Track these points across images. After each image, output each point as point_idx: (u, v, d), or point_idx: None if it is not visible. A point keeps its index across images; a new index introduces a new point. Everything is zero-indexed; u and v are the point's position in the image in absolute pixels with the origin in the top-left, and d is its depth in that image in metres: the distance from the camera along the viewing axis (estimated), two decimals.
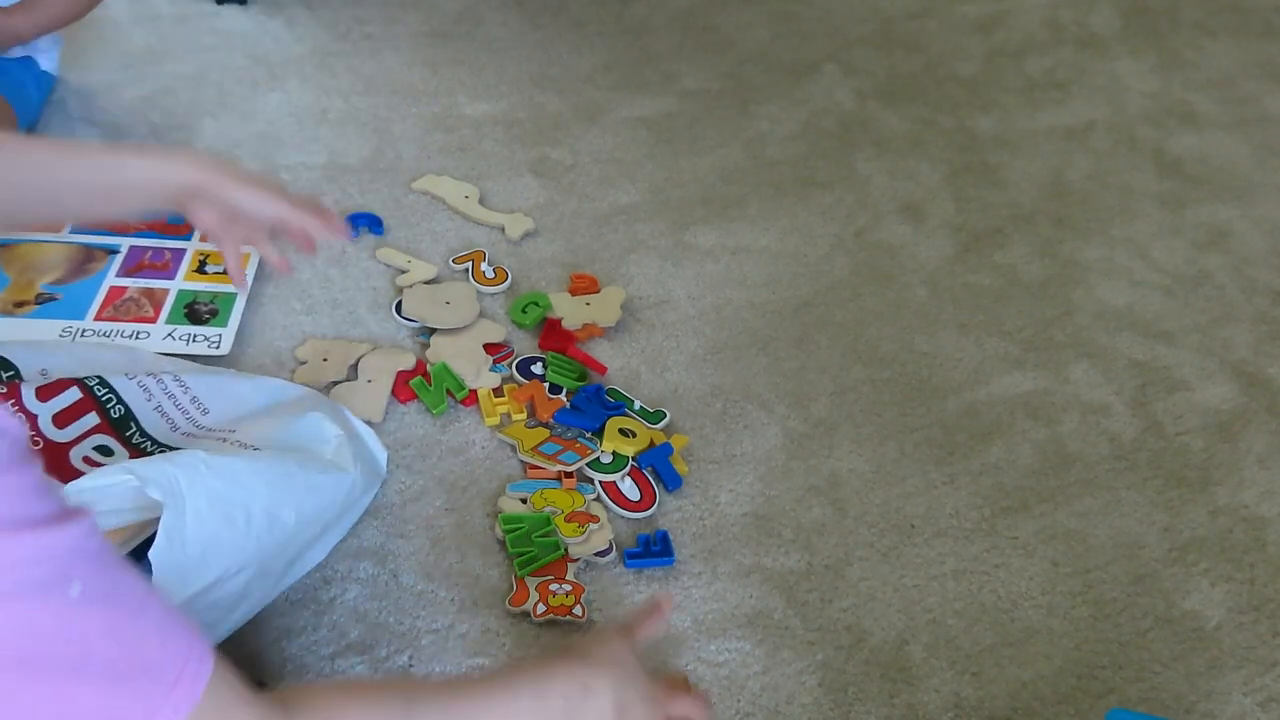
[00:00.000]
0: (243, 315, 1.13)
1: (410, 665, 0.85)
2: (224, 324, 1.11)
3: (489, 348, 1.13)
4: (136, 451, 0.88)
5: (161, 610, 0.43)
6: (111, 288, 1.14)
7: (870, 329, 1.23)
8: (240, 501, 0.78)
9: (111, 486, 0.73)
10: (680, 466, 1.02)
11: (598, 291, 1.22)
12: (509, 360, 1.12)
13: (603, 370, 1.13)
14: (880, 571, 0.97)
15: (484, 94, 1.57)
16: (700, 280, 1.27)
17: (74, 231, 1.20)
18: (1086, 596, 0.96)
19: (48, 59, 1.38)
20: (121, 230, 1.21)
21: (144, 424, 0.90)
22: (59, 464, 0.86)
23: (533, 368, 1.11)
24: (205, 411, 0.93)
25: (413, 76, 1.59)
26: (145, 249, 1.20)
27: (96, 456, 0.87)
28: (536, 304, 1.18)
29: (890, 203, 1.44)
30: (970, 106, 1.68)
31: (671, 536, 0.97)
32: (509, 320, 1.17)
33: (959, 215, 1.44)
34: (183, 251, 1.20)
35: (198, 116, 1.45)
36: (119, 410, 0.90)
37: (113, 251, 1.18)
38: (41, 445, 0.86)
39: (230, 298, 1.14)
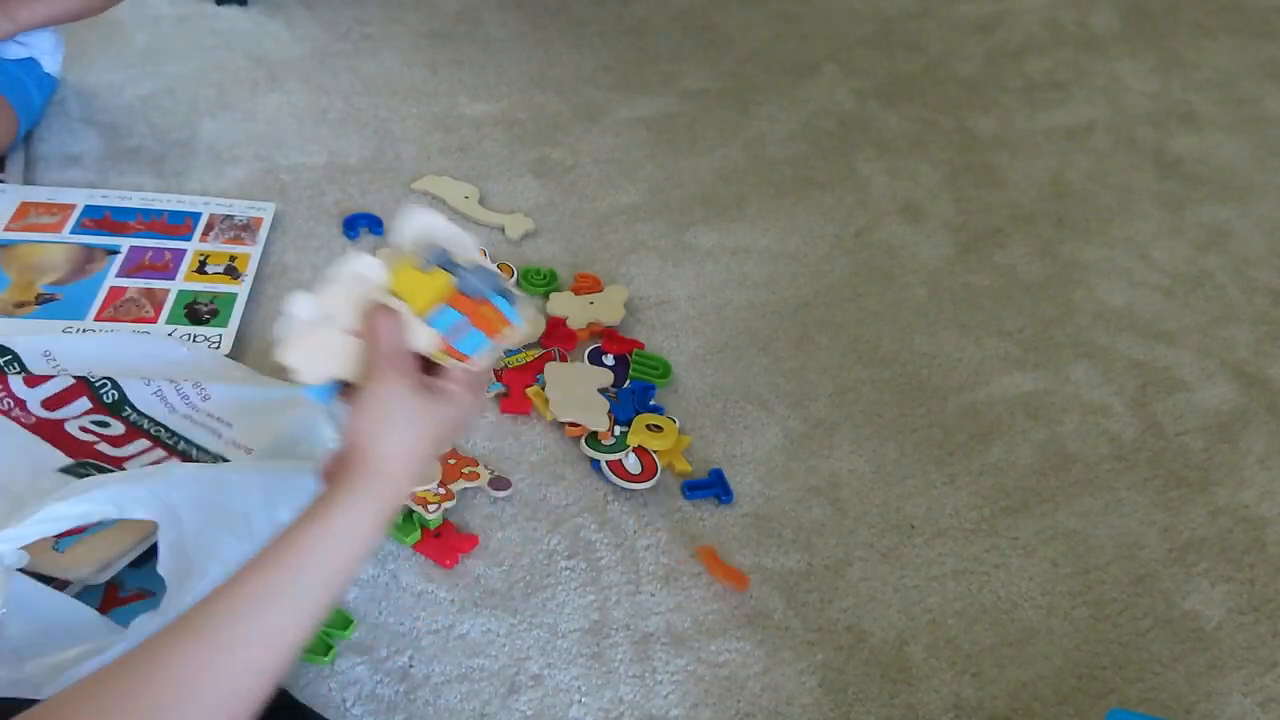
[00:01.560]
0: (243, 315, 1.13)
1: (410, 665, 0.85)
2: (224, 324, 1.11)
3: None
4: (131, 427, 0.89)
5: None
6: (112, 288, 1.14)
7: (870, 329, 1.23)
8: (238, 510, 0.78)
9: (92, 515, 0.72)
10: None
11: (601, 291, 1.22)
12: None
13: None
14: (880, 571, 0.97)
15: (484, 94, 1.57)
16: (700, 280, 1.27)
17: (74, 232, 1.20)
18: (1086, 597, 0.97)
19: (50, 60, 1.38)
20: (122, 231, 1.22)
21: (138, 405, 0.91)
22: (56, 436, 0.86)
23: (604, 359, 1.14)
24: (206, 397, 0.93)
25: (413, 76, 1.59)
26: (145, 249, 1.19)
27: (94, 428, 0.88)
28: (539, 273, 1.23)
29: (890, 203, 1.44)
30: (970, 106, 1.68)
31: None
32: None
33: (959, 215, 1.44)
34: (183, 252, 1.20)
35: (198, 116, 1.45)
36: (112, 395, 0.91)
37: (113, 252, 1.18)
38: (34, 422, 0.87)
39: (230, 298, 1.14)
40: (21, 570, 0.72)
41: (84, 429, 0.88)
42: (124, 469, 0.86)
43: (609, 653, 0.87)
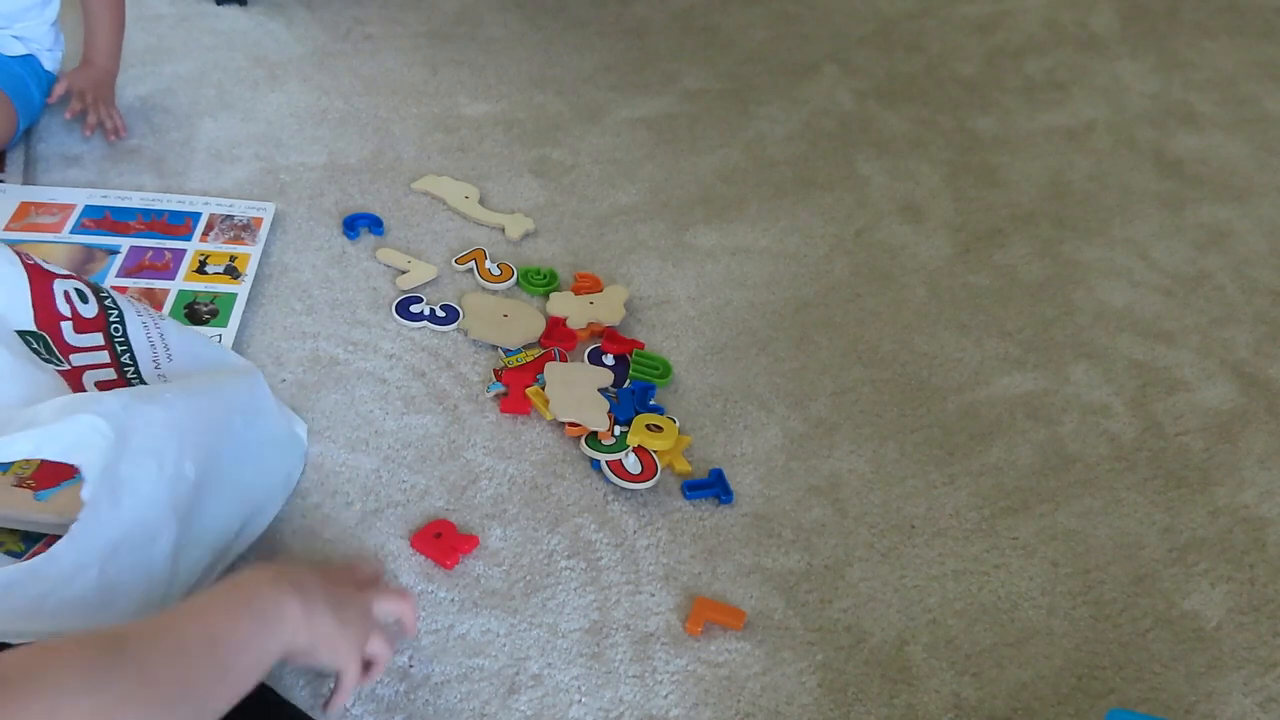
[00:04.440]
0: (243, 315, 1.13)
1: (410, 666, 0.85)
2: (224, 324, 1.11)
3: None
4: (103, 310, 0.89)
5: None
6: (112, 288, 1.14)
7: (870, 329, 1.23)
8: (154, 448, 0.76)
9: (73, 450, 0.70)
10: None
11: (601, 291, 1.22)
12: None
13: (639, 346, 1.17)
14: (880, 571, 0.97)
15: (484, 94, 1.57)
16: (700, 280, 1.27)
17: (74, 233, 1.20)
18: (1086, 597, 0.97)
19: (50, 58, 1.38)
20: (122, 231, 1.22)
21: (114, 293, 0.91)
22: (42, 290, 0.86)
23: (604, 359, 1.14)
24: (164, 317, 0.94)
25: (413, 77, 1.59)
26: (145, 249, 1.20)
27: (74, 299, 0.88)
28: (540, 273, 1.24)
29: (890, 203, 1.44)
30: (970, 106, 1.68)
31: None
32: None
33: (959, 215, 1.44)
34: (183, 252, 1.20)
35: (198, 116, 1.45)
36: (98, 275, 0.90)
37: (113, 252, 1.18)
38: (33, 264, 0.86)
39: (230, 298, 1.14)
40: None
41: (67, 295, 0.86)
42: (68, 363, 0.85)
43: (609, 653, 0.87)
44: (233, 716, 0.64)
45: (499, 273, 1.23)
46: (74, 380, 0.85)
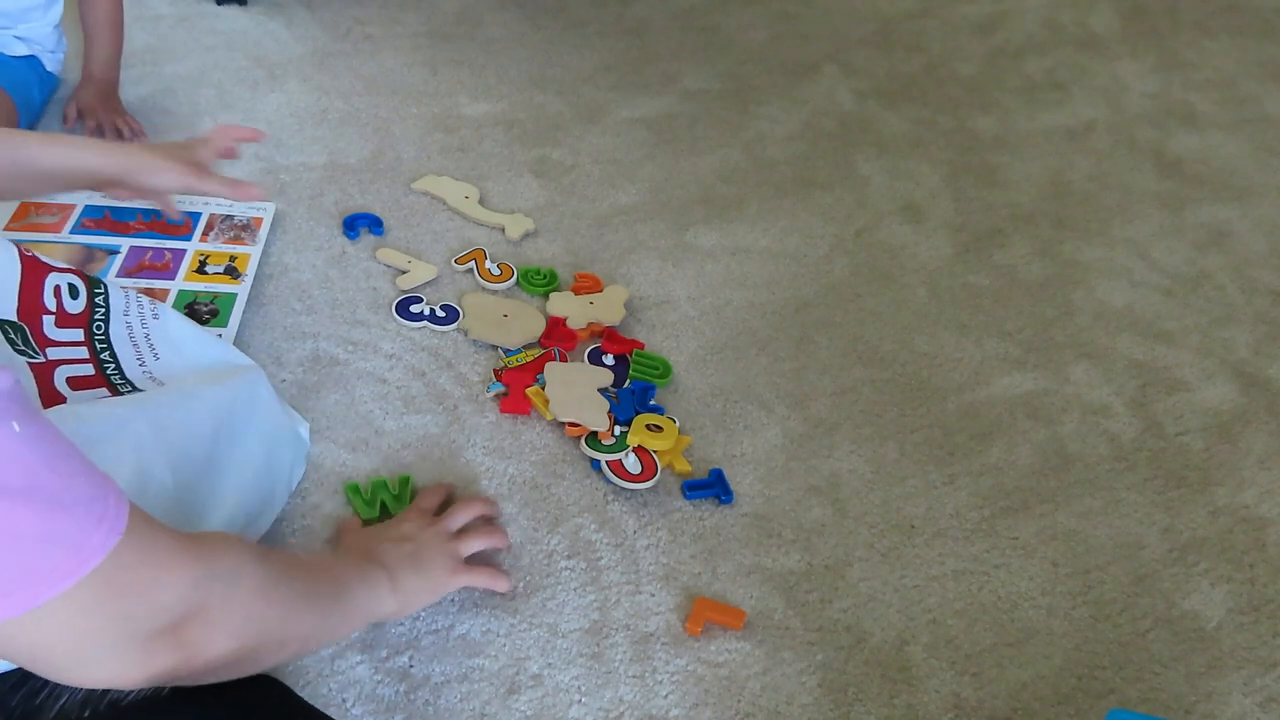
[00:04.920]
0: (243, 315, 1.13)
1: (410, 665, 0.85)
2: (224, 324, 1.11)
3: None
4: (91, 307, 0.89)
5: (81, 455, 0.49)
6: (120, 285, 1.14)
7: (870, 329, 1.23)
8: (108, 460, 0.75)
9: None
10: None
11: (601, 291, 1.22)
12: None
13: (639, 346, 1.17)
14: (880, 571, 0.97)
15: (484, 94, 1.57)
16: (700, 280, 1.27)
17: (74, 232, 1.20)
18: (1086, 597, 0.97)
19: (52, 59, 1.38)
20: (122, 231, 1.22)
21: (109, 288, 0.91)
22: (33, 283, 0.86)
23: (604, 359, 1.14)
24: (156, 316, 0.93)
25: (413, 77, 1.59)
26: (145, 249, 1.20)
27: (64, 294, 0.88)
28: (540, 273, 1.24)
29: (890, 203, 1.44)
30: (970, 106, 1.68)
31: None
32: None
33: (959, 215, 1.44)
34: (183, 252, 1.20)
35: (198, 116, 1.45)
36: (97, 272, 0.90)
37: (113, 252, 1.18)
38: (31, 256, 0.87)
39: (230, 298, 1.14)
40: None
41: (57, 289, 0.87)
42: (44, 356, 0.84)
43: (609, 653, 0.87)
44: (248, 713, 0.66)
45: (499, 273, 1.23)
46: (45, 374, 0.84)
